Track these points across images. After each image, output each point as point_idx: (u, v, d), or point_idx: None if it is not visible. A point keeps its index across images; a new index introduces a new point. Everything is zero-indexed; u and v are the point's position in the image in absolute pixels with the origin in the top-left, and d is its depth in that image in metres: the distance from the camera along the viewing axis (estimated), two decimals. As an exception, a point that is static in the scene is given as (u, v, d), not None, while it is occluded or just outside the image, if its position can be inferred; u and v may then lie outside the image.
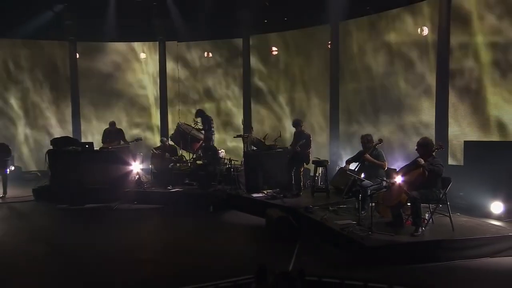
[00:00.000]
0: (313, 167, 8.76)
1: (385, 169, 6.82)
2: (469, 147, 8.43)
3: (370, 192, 6.28)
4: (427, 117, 9.66)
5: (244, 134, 10.43)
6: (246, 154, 9.53)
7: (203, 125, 10.49)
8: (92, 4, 12.39)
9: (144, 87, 14.08)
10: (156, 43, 13.66)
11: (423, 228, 5.64)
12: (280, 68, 12.80)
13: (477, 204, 7.34)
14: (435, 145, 6.01)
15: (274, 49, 12.82)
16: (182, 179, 9.87)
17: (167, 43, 13.64)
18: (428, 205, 5.91)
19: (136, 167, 9.94)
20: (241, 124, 11.18)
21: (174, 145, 10.63)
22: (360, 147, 7.17)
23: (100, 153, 10.02)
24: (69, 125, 13.63)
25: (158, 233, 7.54)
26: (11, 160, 9.91)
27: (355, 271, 5.02)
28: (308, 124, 11.60)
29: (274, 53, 12.80)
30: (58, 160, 9.71)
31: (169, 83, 13.83)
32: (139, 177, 10.06)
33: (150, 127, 14.13)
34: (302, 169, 8.57)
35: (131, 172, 9.84)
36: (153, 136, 14.02)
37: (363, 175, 6.79)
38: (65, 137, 10.84)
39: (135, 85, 14.04)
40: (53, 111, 13.69)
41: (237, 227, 7.60)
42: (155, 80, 13.93)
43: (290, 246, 5.97)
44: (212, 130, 10.54)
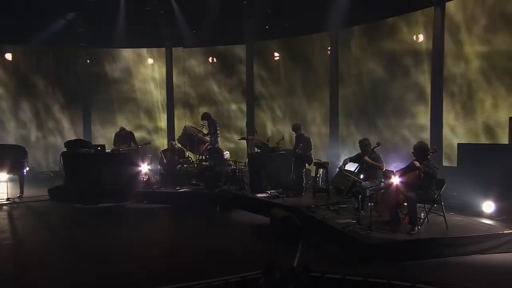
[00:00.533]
0: (314, 168, 8.82)
1: (383, 170, 6.89)
2: (462, 149, 8.48)
3: (369, 192, 6.37)
4: (421, 120, 9.73)
5: (248, 137, 10.56)
6: (251, 156, 9.58)
7: (209, 128, 10.53)
8: (102, 12, 12.50)
9: (151, 91, 14.14)
10: (163, 49, 13.73)
11: (419, 227, 5.69)
12: (281, 74, 12.82)
13: (469, 203, 7.40)
14: (430, 149, 6.08)
15: (276, 54, 12.89)
16: (189, 180, 9.92)
17: (173, 49, 13.69)
18: (424, 205, 5.95)
19: (145, 168, 10.03)
20: (245, 126, 11.19)
21: (182, 147, 10.68)
22: (359, 149, 7.26)
23: (111, 155, 10.10)
24: (80, 128, 13.69)
25: (168, 231, 7.62)
26: (27, 162, 10.00)
27: (356, 267, 5.06)
28: (309, 127, 11.70)
29: (276, 58, 12.85)
30: (72, 162, 9.81)
31: (175, 87, 13.87)
32: (148, 177, 10.20)
33: (157, 130, 14.18)
34: (304, 170, 8.66)
35: (141, 173, 9.93)
36: (160, 138, 14.05)
37: (362, 176, 6.87)
38: (78, 140, 10.95)
39: (143, 89, 14.09)
40: (64, 115, 13.76)
41: (243, 226, 7.65)
42: (162, 84, 13.99)
43: (293, 243, 6.01)
44: (218, 132, 10.57)
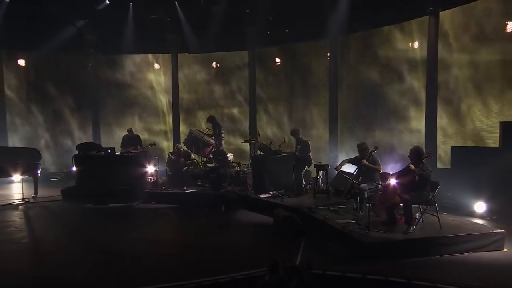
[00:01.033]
0: (314, 170, 8.94)
1: (380, 172, 7.01)
2: (456, 152, 8.61)
3: (367, 194, 6.46)
4: (416, 124, 9.87)
5: (251, 140, 10.68)
6: (254, 159, 9.65)
7: (213, 131, 10.58)
8: (110, 20, 12.62)
9: (157, 95, 14.21)
10: (169, 55, 13.81)
11: (414, 227, 5.77)
12: (282, 78, 12.90)
13: (462, 203, 7.52)
14: (425, 153, 6.17)
15: (278, 60, 12.97)
16: (195, 181, 9.94)
17: (179, 54, 13.77)
18: (419, 206, 6.06)
19: (152, 169, 10.11)
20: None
21: (188, 150, 10.71)
22: (357, 152, 7.38)
23: (121, 157, 10.15)
24: (89, 130, 13.79)
25: (177, 231, 7.67)
26: (40, 163, 10.12)
27: (355, 265, 5.10)
28: (309, 131, 11.82)
29: (277, 63, 12.91)
30: (83, 164, 9.90)
31: (180, 91, 13.95)
32: (155, 178, 10.31)
33: (163, 133, 14.27)
34: (303, 172, 8.74)
35: (148, 174, 10.04)
36: (166, 141, 14.14)
37: (360, 178, 6.98)
38: (89, 143, 11.03)
39: (149, 93, 14.17)
40: (74, 118, 13.89)
41: (247, 225, 7.68)
42: (167, 88, 14.07)
43: (296, 242, 6.05)
44: (222, 135, 10.63)
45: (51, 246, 6.47)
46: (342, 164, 7.56)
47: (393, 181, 6.05)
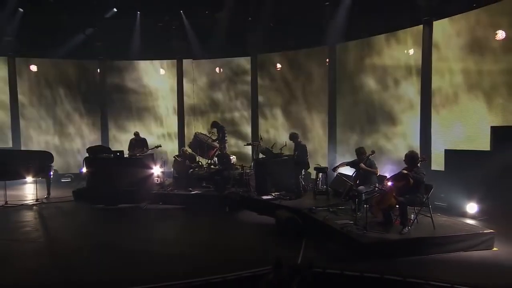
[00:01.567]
0: (314, 173, 9.06)
1: (377, 175, 7.14)
2: (449, 155, 8.71)
3: (365, 196, 6.59)
4: (410, 129, 9.95)
5: (253, 143, 10.81)
6: (256, 162, 9.77)
7: (217, 135, 10.67)
8: (119, 27, 12.75)
9: (162, 99, 14.29)
10: (174, 61, 13.90)
11: (409, 227, 5.89)
12: (283, 83, 12.94)
13: (455, 204, 7.65)
14: (419, 158, 6.27)
15: (278, 66, 13.04)
16: (200, 183, 10.05)
17: (183, 60, 13.86)
18: (414, 207, 6.17)
19: (157, 171, 10.22)
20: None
21: (193, 153, 10.81)
22: (355, 154, 7.51)
23: (129, 160, 10.26)
24: (98, 134, 13.93)
25: (183, 231, 7.73)
26: (53, 165, 10.27)
27: (353, 263, 5.18)
28: (308, 134, 11.93)
29: (278, 69, 12.97)
30: (93, 166, 10.02)
31: (185, 96, 14.06)
32: (161, 180, 10.42)
33: (168, 136, 14.31)
34: (301, 175, 8.86)
35: (154, 176, 10.17)
36: (171, 144, 14.16)
37: (358, 181, 7.13)
38: (99, 146, 11.15)
39: (155, 98, 14.26)
40: (84, 122, 14.00)
41: (250, 225, 7.75)
42: (173, 93, 14.14)
43: (297, 242, 6.16)
44: (226, 139, 10.73)
45: (65, 245, 6.58)
46: (341, 166, 7.70)
47: (389, 185, 6.16)
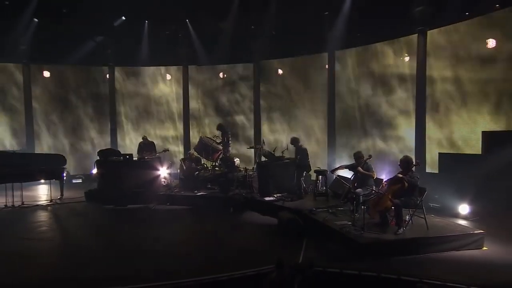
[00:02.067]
0: (315, 175, 9.19)
1: (374, 178, 7.26)
2: (443, 158, 8.89)
3: (362, 198, 6.68)
4: (405, 132, 10.13)
5: (256, 146, 10.93)
6: (259, 165, 9.87)
7: (222, 138, 10.77)
8: (127, 35, 12.98)
9: (169, 104, 14.43)
10: (180, 67, 14.05)
11: (404, 228, 6.01)
12: (284, 89, 13.09)
13: (448, 205, 7.78)
14: (414, 162, 6.39)
15: (280, 72, 13.18)
16: (205, 185, 10.13)
17: (189, 66, 14.01)
18: (408, 209, 6.28)
19: (164, 173, 10.34)
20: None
21: (198, 156, 10.90)
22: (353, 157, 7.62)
23: (138, 163, 10.39)
24: (108, 137, 14.07)
25: (190, 231, 7.82)
26: (66, 168, 10.43)
27: (351, 262, 5.29)
28: (309, 138, 12.04)
29: (279, 75, 13.10)
30: (104, 168, 10.18)
31: (191, 100, 14.18)
32: (168, 181, 10.56)
33: (174, 139, 14.44)
34: (302, 177, 8.95)
35: (161, 177, 10.31)
36: (176, 146, 14.30)
37: (356, 183, 7.24)
38: (109, 149, 11.27)
39: (162, 102, 14.41)
40: (94, 125, 14.16)
41: (253, 226, 7.83)
42: (179, 98, 14.28)
43: (298, 242, 6.26)
44: (230, 142, 10.78)
45: (80, 243, 6.73)
46: (339, 168, 7.83)
47: (385, 188, 6.33)
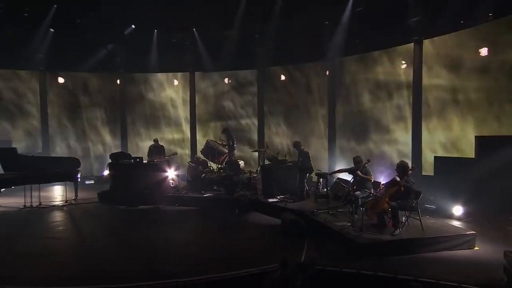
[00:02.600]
0: (316, 178, 9.35)
1: (372, 181, 7.40)
2: (438, 161, 8.99)
3: (361, 201, 6.87)
4: (402, 137, 10.26)
5: (259, 149, 11.09)
6: (262, 168, 10.02)
7: (227, 141, 10.92)
8: (137, 43, 13.18)
9: (176, 109, 14.58)
10: (187, 73, 14.22)
11: (400, 229, 6.12)
12: (287, 94, 13.19)
13: (443, 207, 7.95)
14: (410, 167, 6.50)
15: (282, 78, 13.30)
16: (212, 187, 10.26)
17: (195, 73, 14.18)
18: (405, 211, 6.40)
19: (173, 175, 10.49)
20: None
21: (205, 159, 11.05)
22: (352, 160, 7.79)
23: (148, 165, 10.51)
24: (118, 141, 14.28)
25: (198, 231, 7.93)
26: (80, 170, 10.62)
27: (350, 261, 5.40)
28: (310, 142, 12.15)
29: (282, 81, 13.19)
30: (116, 170, 10.37)
31: (197, 105, 14.31)
32: (176, 183, 10.75)
33: (181, 142, 14.60)
34: (305, 179, 9.08)
35: (169, 179, 10.44)
36: (182, 149, 14.44)
37: (355, 187, 7.39)
38: (121, 152, 11.45)
39: (170, 107, 14.56)
40: (105, 129, 14.38)
41: (258, 226, 7.91)
42: (186, 103, 14.42)
43: (300, 242, 6.37)
44: (235, 145, 10.95)
45: (95, 242, 6.88)
46: (339, 171, 7.97)
47: (383, 191, 6.49)
